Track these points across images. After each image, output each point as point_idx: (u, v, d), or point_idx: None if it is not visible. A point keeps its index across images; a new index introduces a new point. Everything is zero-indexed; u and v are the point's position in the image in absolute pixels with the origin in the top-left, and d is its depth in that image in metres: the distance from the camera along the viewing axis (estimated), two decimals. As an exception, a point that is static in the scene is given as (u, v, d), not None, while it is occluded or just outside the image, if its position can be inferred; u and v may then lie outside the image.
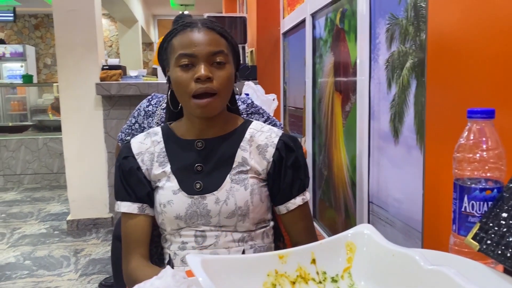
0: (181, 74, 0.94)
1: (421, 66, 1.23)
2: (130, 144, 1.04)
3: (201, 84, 0.93)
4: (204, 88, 0.93)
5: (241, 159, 1.00)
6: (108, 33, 10.36)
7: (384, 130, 1.51)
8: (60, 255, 2.83)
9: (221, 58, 0.95)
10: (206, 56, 0.94)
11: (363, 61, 1.64)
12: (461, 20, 0.98)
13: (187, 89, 0.94)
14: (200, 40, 0.94)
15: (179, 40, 0.96)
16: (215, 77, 0.94)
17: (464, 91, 0.97)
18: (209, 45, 0.94)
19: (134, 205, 1.00)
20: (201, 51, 0.93)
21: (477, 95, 0.91)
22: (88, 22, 3.17)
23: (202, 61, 0.93)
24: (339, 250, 0.59)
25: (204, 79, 0.92)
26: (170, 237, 1.01)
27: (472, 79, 0.94)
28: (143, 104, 1.62)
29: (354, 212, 1.83)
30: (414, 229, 1.29)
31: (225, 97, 0.98)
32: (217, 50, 0.95)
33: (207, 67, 0.93)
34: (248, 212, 0.97)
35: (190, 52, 0.93)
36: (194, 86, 0.93)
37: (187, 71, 0.94)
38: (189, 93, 0.94)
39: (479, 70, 0.91)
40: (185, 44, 0.95)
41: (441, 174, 1.05)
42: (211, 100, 0.94)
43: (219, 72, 0.95)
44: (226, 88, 0.96)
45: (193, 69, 0.94)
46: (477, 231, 0.52)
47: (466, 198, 0.55)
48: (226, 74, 0.95)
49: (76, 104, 3.21)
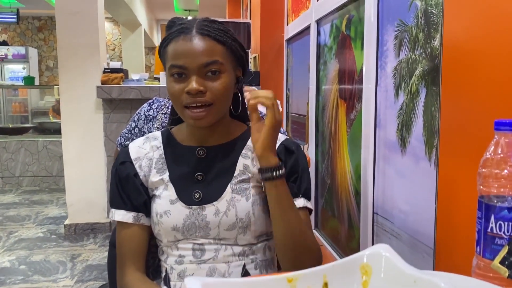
0: (173, 85, 0.90)
1: (432, 74, 1.19)
2: (128, 148, 1.00)
3: (192, 98, 0.88)
4: (194, 101, 0.88)
5: (242, 167, 0.95)
6: (111, 36, 10.36)
7: (391, 139, 1.46)
8: (57, 260, 2.78)
9: (215, 68, 0.89)
10: (198, 68, 0.88)
11: (370, 68, 1.60)
12: (479, 25, 0.94)
13: (179, 100, 0.90)
14: (192, 50, 0.88)
15: (171, 49, 0.90)
16: (208, 88, 0.88)
17: (484, 102, 0.92)
18: (201, 55, 0.88)
19: (129, 214, 0.95)
20: (191, 63, 0.88)
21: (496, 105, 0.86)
22: (90, 25, 3.14)
23: (193, 74, 0.88)
24: (354, 273, 0.54)
25: (195, 93, 0.87)
26: (167, 250, 0.96)
27: (491, 88, 0.90)
28: (144, 108, 1.58)
29: (357, 223, 1.78)
30: (422, 243, 1.24)
31: (221, 107, 0.92)
32: (210, 61, 0.88)
33: (200, 79, 0.88)
34: (249, 224, 0.92)
35: (180, 63, 0.88)
36: (185, 97, 0.89)
37: (180, 82, 0.89)
38: (181, 104, 0.90)
39: (499, 79, 0.87)
40: (176, 55, 0.89)
41: (457, 188, 1.01)
42: (204, 112, 0.89)
43: (213, 83, 0.89)
44: (222, 98, 0.91)
45: (185, 80, 0.89)
46: (506, 254, 0.47)
47: (492, 218, 0.51)
48: (221, 85, 0.89)
49: (77, 107, 3.18)
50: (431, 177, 1.18)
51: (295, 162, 0.96)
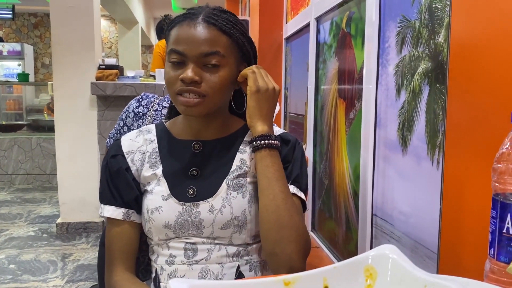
0: (170, 70, 0.86)
1: (435, 71, 1.15)
2: (120, 141, 0.95)
3: (185, 86, 0.84)
4: (188, 89, 0.84)
5: (239, 162, 0.91)
6: (108, 34, 10.29)
7: (391, 139, 1.42)
8: (47, 259, 2.72)
9: (215, 60, 0.85)
10: (196, 57, 0.84)
11: (370, 66, 1.56)
12: (489, 18, 0.90)
13: (173, 87, 0.86)
14: (194, 37, 0.84)
15: (175, 33, 0.87)
16: (204, 80, 0.84)
17: (496, 97, 0.88)
18: (202, 44, 0.84)
19: (119, 210, 0.90)
20: (191, 51, 0.84)
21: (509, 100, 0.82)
22: (86, 20, 3.09)
23: (191, 62, 0.84)
24: (357, 276, 0.49)
25: (189, 82, 0.83)
26: (158, 249, 0.91)
27: (503, 83, 0.86)
28: (132, 105, 1.50)
29: (356, 224, 1.74)
30: (424, 246, 1.20)
31: (215, 100, 0.88)
32: (211, 51, 0.84)
33: (197, 68, 0.84)
34: (245, 222, 0.88)
35: (180, 49, 0.84)
36: (179, 85, 0.85)
37: (177, 69, 0.85)
38: (174, 91, 0.86)
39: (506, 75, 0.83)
40: (177, 40, 0.85)
41: (465, 189, 0.96)
42: (197, 100, 0.85)
43: (210, 75, 0.85)
44: (217, 92, 0.86)
45: (182, 67, 0.85)
46: (526, 259, 0.43)
47: (509, 218, 0.46)
48: (218, 78, 0.85)
49: (71, 104, 3.12)
50: (433, 178, 1.14)
51: (289, 151, 0.93)
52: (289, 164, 0.92)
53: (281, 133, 0.96)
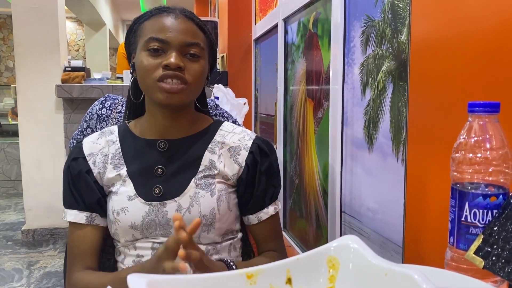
0: (148, 59, 0.84)
1: (399, 69, 1.17)
2: (82, 144, 0.93)
3: (169, 71, 0.83)
4: (174, 74, 0.82)
5: (208, 162, 0.90)
6: (75, 37, 10.06)
7: (358, 137, 1.45)
8: (12, 267, 2.63)
9: (196, 50, 0.85)
10: (179, 45, 0.84)
11: (336, 66, 1.59)
12: (446, 16, 0.93)
13: (152, 74, 0.83)
14: (176, 27, 0.84)
15: (152, 23, 0.86)
16: (187, 68, 0.84)
17: (453, 93, 0.91)
18: (184, 34, 0.84)
19: (81, 214, 0.88)
20: (174, 38, 0.83)
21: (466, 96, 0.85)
22: (50, 21, 3.00)
23: (174, 50, 0.83)
24: (320, 267, 0.49)
25: (174, 68, 0.82)
26: (124, 250, 0.89)
27: (460, 80, 0.89)
28: (95, 106, 1.47)
29: (325, 222, 1.76)
30: (390, 241, 1.22)
31: (195, 90, 0.88)
32: (193, 42, 0.85)
33: (179, 56, 0.83)
34: (214, 221, 0.87)
35: (162, 37, 0.83)
36: (161, 72, 0.83)
37: (156, 57, 0.84)
38: (154, 78, 0.83)
39: (468, 69, 0.86)
40: (158, 28, 0.84)
41: (427, 182, 0.99)
42: (180, 87, 0.83)
43: (191, 64, 0.85)
44: (198, 81, 0.86)
45: (163, 56, 0.84)
46: (481, 244, 0.44)
47: (467, 206, 0.48)
48: (199, 67, 0.86)
49: (35, 107, 3.03)
50: (399, 173, 1.17)
51: (269, 166, 0.94)
52: (274, 176, 0.94)
53: (255, 139, 0.95)
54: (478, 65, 0.80)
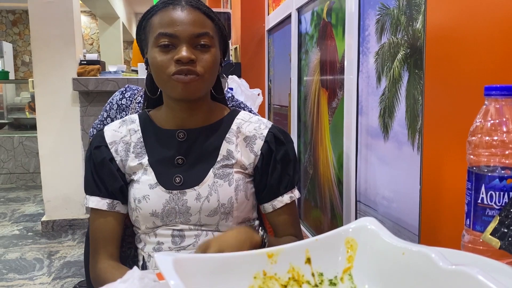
0: (160, 55, 0.85)
1: (414, 57, 1.17)
2: (103, 132, 0.95)
3: (182, 66, 0.84)
4: (187, 69, 0.84)
5: (226, 152, 0.92)
6: (89, 30, 10.15)
7: (373, 126, 1.45)
8: (33, 257, 2.69)
9: (205, 40, 0.85)
10: (189, 38, 0.84)
11: (351, 55, 1.58)
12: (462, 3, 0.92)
13: (166, 70, 0.84)
14: (183, 19, 0.85)
15: (159, 18, 0.86)
16: (198, 60, 0.85)
17: (470, 80, 0.91)
18: (192, 25, 0.85)
19: (103, 201, 0.90)
20: (183, 31, 0.84)
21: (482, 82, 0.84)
22: (65, 15, 3.04)
23: (184, 43, 0.84)
24: (338, 247, 0.51)
25: (186, 62, 0.83)
26: (145, 237, 0.92)
27: (477, 66, 0.88)
28: (116, 96, 1.51)
29: (340, 212, 1.77)
30: (406, 229, 1.23)
31: (209, 80, 0.89)
32: (202, 32, 0.85)
33: (190, 49, 0.84)
34: (231, 210, 0.89)
35: (171, 31, 0.84)
36: (174, 67, 0.84)
37: (167, 52, 0.85)
38: (168, 74, 0.84)
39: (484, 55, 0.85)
40: (165, 23, 0.85)
41: (443, 168, 0.99)
42: (194, 79, 0.84)
43: (203, 55, 0.85)
44: (211, 72, 0.87)
45: (173, 51, 0.85)
46: (497, 225, 0.45)
47: (483, 188, 0.48)
48: (211, 57, 0.86)
49: (52, 100, 3.08)
50: (415, 162, 1.17)
51: (285, 154, 0.94)
52: (289, 165, 0.95)
53: (270, 128, 0.96)
54: (494, 51, 0.80)
